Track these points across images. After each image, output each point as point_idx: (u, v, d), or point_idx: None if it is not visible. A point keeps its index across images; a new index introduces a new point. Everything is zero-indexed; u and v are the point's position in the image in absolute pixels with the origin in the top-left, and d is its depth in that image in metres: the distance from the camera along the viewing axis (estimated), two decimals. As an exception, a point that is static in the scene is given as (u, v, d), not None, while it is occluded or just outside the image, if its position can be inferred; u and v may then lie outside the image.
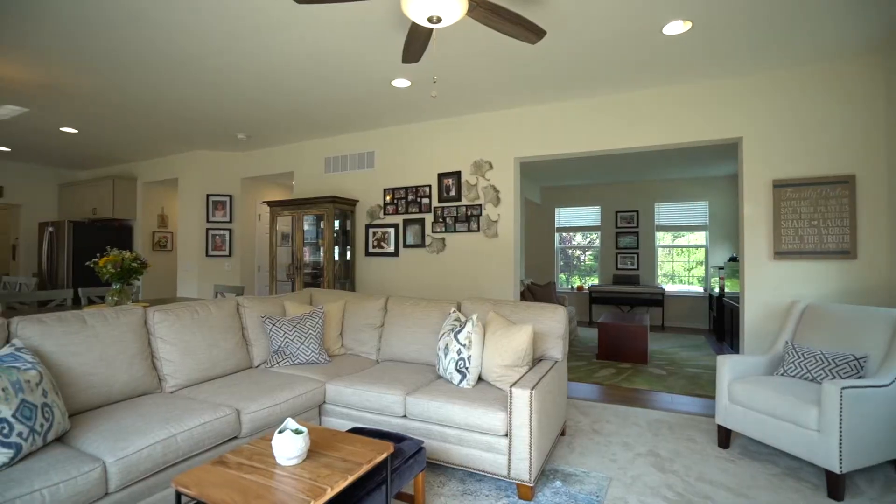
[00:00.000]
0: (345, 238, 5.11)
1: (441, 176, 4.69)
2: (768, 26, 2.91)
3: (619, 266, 8.55)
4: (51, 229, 6.64)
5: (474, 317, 2.83)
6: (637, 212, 8.39)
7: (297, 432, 1.59)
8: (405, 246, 4.88)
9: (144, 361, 2.56)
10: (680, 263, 8.30)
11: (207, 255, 6.17)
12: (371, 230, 5.09)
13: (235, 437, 2.36)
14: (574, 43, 3.13)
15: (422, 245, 4.79)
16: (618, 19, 2.84)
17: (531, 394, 2.30)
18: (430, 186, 4.76)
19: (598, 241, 8.89)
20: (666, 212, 8.26)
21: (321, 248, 5.27)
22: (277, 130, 5.20)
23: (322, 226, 5.21)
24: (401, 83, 3.78)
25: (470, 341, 2.79)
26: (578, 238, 9.21)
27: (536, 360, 2.98)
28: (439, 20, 1.98)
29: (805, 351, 2.92)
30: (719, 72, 3.57)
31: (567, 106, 4.19)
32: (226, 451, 2.30)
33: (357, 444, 1.78)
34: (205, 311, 2.98)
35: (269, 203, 5.20)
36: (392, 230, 4.95)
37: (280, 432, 1.60)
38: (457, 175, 4.61)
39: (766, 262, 3.59)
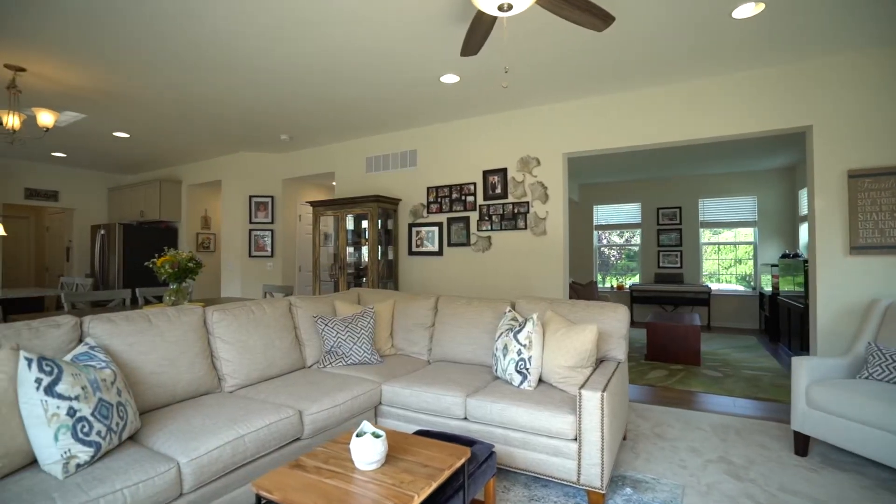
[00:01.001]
0: (387, 237, 5.08)
1: (486, 173, 4.60)
2: (845, 5, 2.71)
3: (662, 264, 8.27)
4: (102, 231, 6.87)
5: (534, 316, 2.73)
6: (680, 208, 8.10)
7: (376, 436, 1.53)
8: (449, 245, 4.81)
9: (205, 361, 2.57)
10: (727, 261, 7.96)
11: (250, 255, 6.25)
12: (414, 229, 5.05)
13: (298, 439, 2.33)
14: (635, 30, 3.00)
15: (466, 244, 4.71)
16: (685, 3, 2.69)
17: (602, 396, 2.19)
18: (474, 184, 4.67)
19: (638, 238, 8.63)
20: (711, 208, 7.93)
21: (364, 248, 5.26)
22: (319, 131, 5.21)
23: (366, 225, 5.20)
24: (449, 79, 3.71)
25: (530, 341, 2.69)
26: (615, 237, 8.97)
27: (598, 361, 2.85)
28: (510, 7, 1.89)
29: (892, 353, 2.70)
30: (789, 56, 3.36)
31: (619, 98, 4.04)
32: (289, 452, 2.28)
33: (433, 449, 1.72)
34: (260, 311, 2.98)
35: (313, 203, 5.22)
36: (436, 229, 4.89)
37: (358, 436, 1.54)
38: (502, 172, 4.51)
39: (841, 258, 3.35)
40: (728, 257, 7.94)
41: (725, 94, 3.68)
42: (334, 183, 6.71)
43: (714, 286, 7.93)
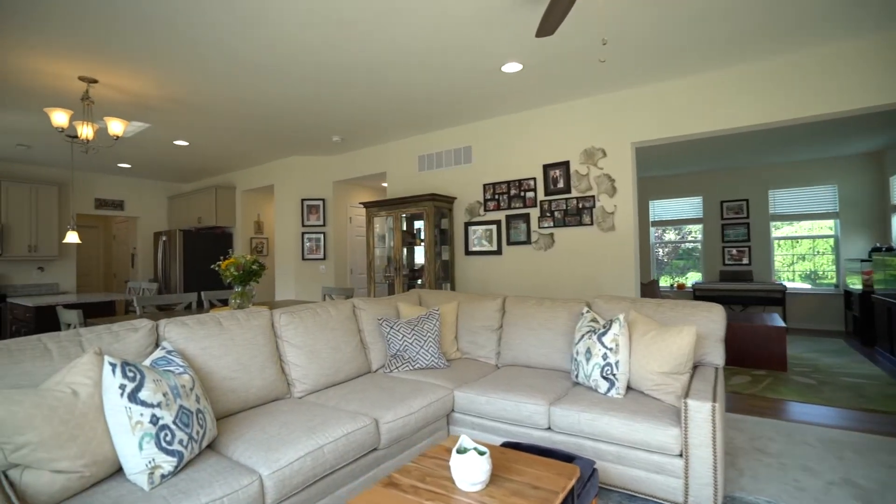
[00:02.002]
0: (442, 237, 4.94)
1: (547, 167, 4.38)
2: None
3: (727, 261, 7.72)
4: (164, 238, 7.11)
5: (621, 317, 2.49)
6: (747, 200, 7.54)
7: (480, 453, 1.36)
8: (509, 243, 4.61)
9: (275, 365, 2.49)
10: (789, 257, 7.33)
11: (303, 258, 6.28)
12: (471, 228, 4.88)
13: (375, 449, 2.20)
14: (712, 4, 2.70)
15: (527, 242, 4.49)
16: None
17: (714, 408, 1.93)
18: (534, 179, 4.46)
19: (699, 234, 8.11)
20: (783, 199, 7.33)
21: (417, 248, 5.14)
22: (371, 131, 5.14)
23: (419, 225, 5.08)
24: (512, 68, 3.52)
25: (617, 345, 2.46)
26: (670, 233, 8.48)
27: (692, 367, 2.58)
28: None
29: None
30: (888, 24, 2.96)
31: (691, 81, 3.72)
32: (366, 463, 2.15)
33: (537, 467, 1.53)
34: (325, 314, 2.89)
35: (366, 204, 5.15)
36: (494, 227, 4.70)
37: (459, 452, 1.38)
38: (565, 165, 4.27)
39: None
40: (791, 253, 7.31)
41: (811, 70, 3.30)
42: (384, 184, 6.66)
43: (788, 284, 7.32)
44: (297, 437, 1.90)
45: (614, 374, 2.44)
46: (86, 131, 3.65)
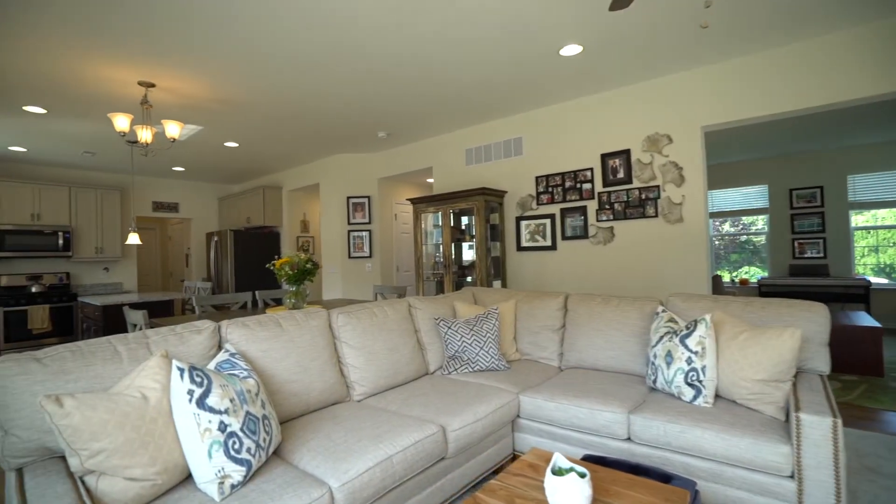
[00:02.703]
0: (492, 232, 4.77)
1: (605, 157, 4.12)
2: None
3: (798, 254, 7.14)
4: (216, 238, 7.30)
5: (707, 317, 2.25)
6: (821, 188, 6.93)
7: (581, 475, 1.19)
8: (564, 238, 4.38)
9: (334, 368, 2.41)
10: (874, 248, 6.67)
11: (349, 256, 6.27)
12: (523, 222, 4.69)
13: (442, 459, 2.07)
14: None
15: (584, 236, 4.26)
16: None
17: (835, 424, 1.68)
18: (591, 170, 4.21)
19: (764, 225, 7.55)
20: (865, 185, 6.69)
21: (467, 245, 5.00)
22: (417, 125, 5.03)
23: (467, 221, 4.94)
24: (570, 50, 3.30)
25: (704, 348, 2.22)
26: (727, 225, 7.94)
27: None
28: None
29: None
30: None
31: (768, 56, 3.37)
32: (433, 474, 2.02)
33: (640, 490, 1.35)
34: (382, 314, 2.79)
35: (413, 200, 5.05)
36: (547, 221, 4.49)
37: (556, 473, 1.22)
38: (625, 154, 4.00)
39: None
40: (864, 245, 6.65)
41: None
42: (429, 180, 6.56)
43: (873, 279, 6.68)
44: (364, 445, 1.80)
45: (700, 381, 2.21)
46: (145, 135, 3.72)
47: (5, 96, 3.84)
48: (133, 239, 5.38)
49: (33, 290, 6.30)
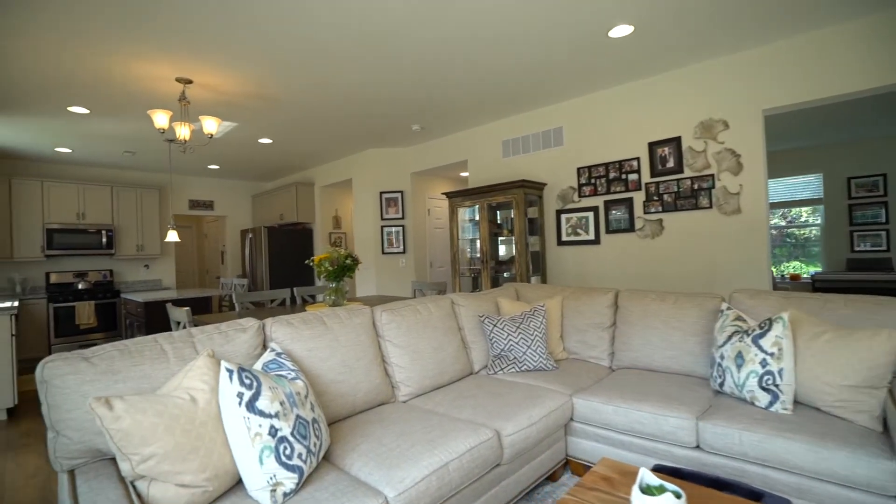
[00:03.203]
0: (530, 226, 4.61)
1: (653, 145, 3.90)
2: None
3: (856, 247, 6.69)
4: (250, 235, 7.38)
5: (785, 316, 2.06)
6: (884, 175, 6.46)
7: (677, 496, 1.05)
8: (608, 231, 4.19)
9: (379, 367, 2.32)
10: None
11: (383, 252, 6.21)
12: (563, 216, 4.51)
13: (497, 465, 1.95)
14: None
15: (630, 229, 4.05)
16: None
17: (951, 438, 1.47)
18: (637, 159, 4.00)
19: (818, 217, 7.10)
20: (931, 172, 6.19)
21: (504, 239, 4.85)
22: (452, 117, 4.91)
23: (503, 215, 4.79)
24: (621, 31, 3.11)
25: (781, 349, 2.03)
26: (774, 218, 7.51)
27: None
28: None
29: None
30: None
31: (836, 31, 3.09)
32: (487, 482, 1.91)
33: (737, 513, 1.19)
34: (426, 311, 2.69)
35: (449, 194, 4.94)
36: (590, 214, 4.30)
37: (645, 492, 1.08)
38: (675, 142, 3.77)
39: None
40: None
41: None
42: (463, 174, 6.43)
43: (940, 273, 6.19)
44: (418, 451, 1.69)
45: (777, 386, 2.02)
46: (183, 132, 3.72)
47: (52, 97, 3.91)
48: (172, 236, 5.46)
49: (79, 286, 6.50)
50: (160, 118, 3.45)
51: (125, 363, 1.57)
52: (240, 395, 1.44)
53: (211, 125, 3.65)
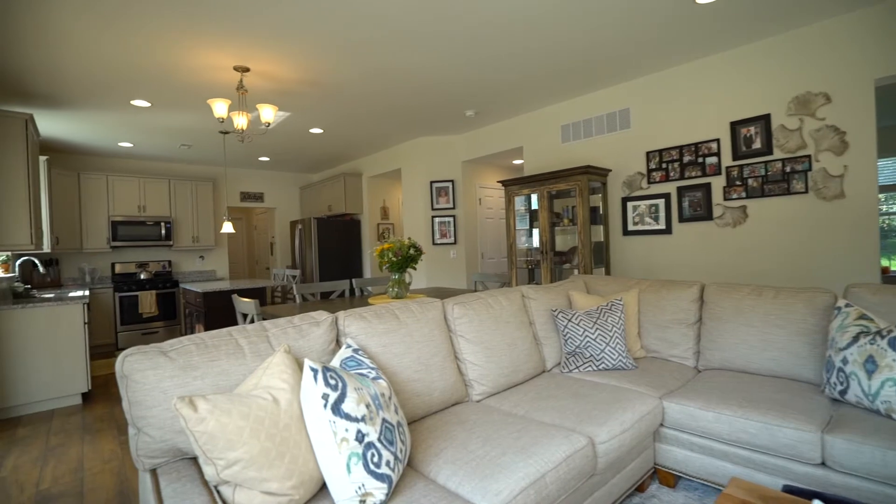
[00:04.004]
0: (592, 215, 4.35)
1: (736, 125, 3.55)
2: None
3: (956, 236, 5.99)
4: (300, 226, 7.43)
5: (933, 316, 1.75)
6: None
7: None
8: (682, 220, 3.87)
9: (452, 364, 2.18)
10: None
11: (434, 243, 6.08)
12: (630, 204, 4.21)
13: (591, 476, 1.77)
14: None
15: (707, 217, 3.72)
16: None
17: None
18: (717, 141, 3.65)
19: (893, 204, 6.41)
20: None
21: (561, 228, 4.61)
22: (507, 101, 4.68)
23: (571, 202, 4.55)
24: (709, -6, 2.80)
25: (927, 355, 1.73)
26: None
27: None
28: None
29: None
30: None
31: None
32: (581, 495, 1.73)
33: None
34: (497, 305, 2.52)
35: (505, 182, 4.73)
36: (661, 201, 3.99)
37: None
38: (763, 120, 3.41)
39: None
40: None
41: None
42: (516, 161, 6.19)
43: None
44: (510, 460, 1.53)
45: (922, 396, 1.73)
46: (240, 121, 3.69)
47: (116, 91, 3.98)
48: (227, 227, 5.53)
49: (141, 276, 6.74)
50: (219, 107, 3.43)
51: (202, 358, 1.49)
52: (325, 397, 1.32)
53: (268, 113, 3.60)
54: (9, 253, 4.86)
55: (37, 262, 4.90)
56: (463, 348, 2.27)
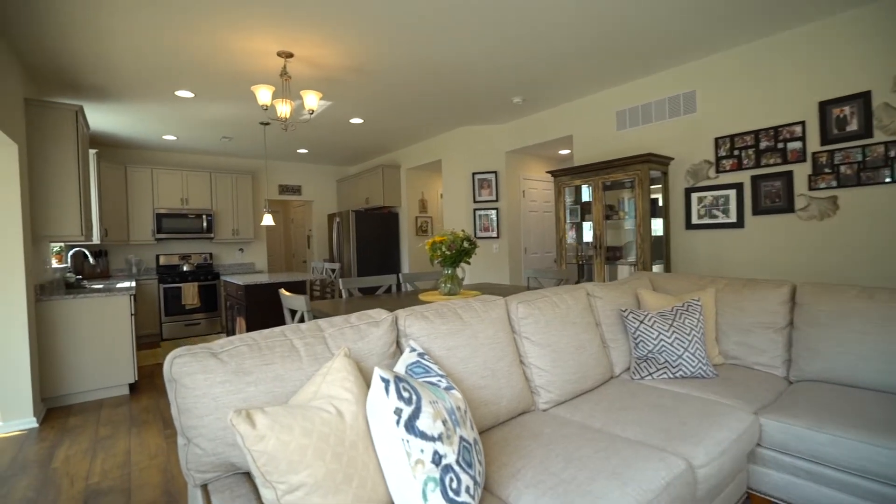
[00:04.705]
0: (651, 207, 4.03)
1: (826, 105, 3.17)
2: None
3: None
4: (338, 219, 7.36)
5: None
6: None
7: None
8: (756, 212, 3.52)
9: (518, 369, 1.97)
10: None
11: (476, 236, 5.87)
12: (694, 195, 3.88)
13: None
14: None
15: (787, 209, 3.36)
16: None
17: None
18: (802, 124, 3.28)
19: None
20: None
21: (612, 222, 4.31)
22: (558, 86, 4.40)
23: (625, 194, 4.25)
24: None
25: None
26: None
27: None
28: None
29: None
30: None
31: None
32: (679, 524, 1.50)
33: None
34: (563, 304, 2.29)
35: (555, 172, 4.46)
36: (731, 192, 3.64)
37: None
38: (861, 99, 3.02)
39: None
40: None
41: None
42: (561, 152, 5.90)
43: None
44: (603, 487, 1.32)
45: None
46: (283, 109, 3.57)
47: (162, 81, 3.94)
48: (268, 220, 5.49)
49: (184, 268, 6.83)
50: (263, 94, 3.31)
51: (255, 361, 1.33)
52: (398, 412, 1.14)
53: (312, 100, 3.47)
54: (62, 244, 4.96)
55: (87, 253, 4.97)
56: (528, 351, 2.06)
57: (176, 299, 6.38)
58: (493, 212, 5.74)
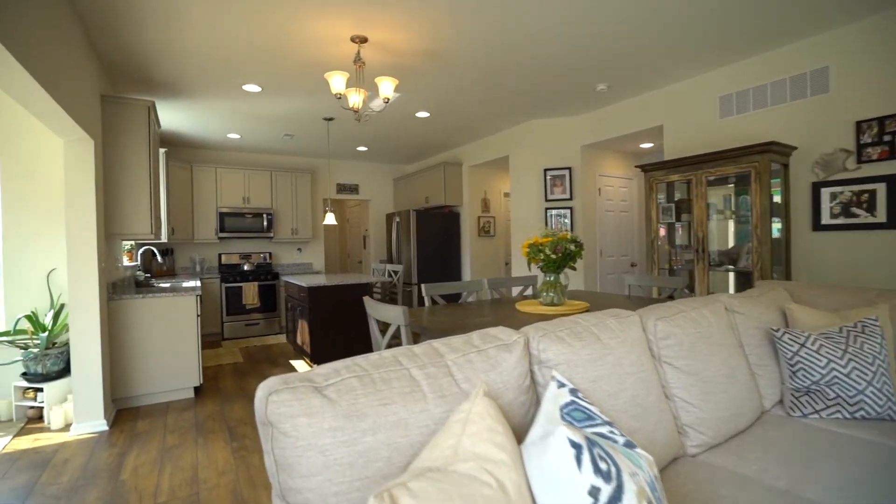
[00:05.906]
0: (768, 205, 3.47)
1: None
2: None
3: None
4: (397, 219, 7.14)
5: None
6: None
7: None
8: (915, 210, 2.91)
9: (666, 405, 1.57)
10: None
11: (545, 238, 5.44)
12: (826, 190, 3.29)
13: None
14: None
15: (961, 206, 2.75)
16: None
17: None
18: (984, 100, 2.66)
19: None
20: None
21: (715, 223, 3.78)
22: (648, 70, 3.92)
23: (730, 191, 3.72)
24: None
25: None
26: None
27: None
28: None
29: None
30: None
31: None
32: None
33: None
34: (704, 321, 1.86)
35: (645, 167, 3.98)
36: (878, 186, 3.04)
37: None
38: None
39: None
40: None
41: None
42: (643, 145, 5.36)
43: None
44: None
45: None
46: (354, 99, 3.32)
47: (231, 74, 3.81)
48: (329, 219, 5.31)
49: (245, 268, 6.81)
50: (337, 80, 3.07)
51: (370, 400, 1.02)
52: (594, 494, 0.78)
53: (387, 87, 3.20)
54: (133, 242, 4.98)
55: (155, 251, 4.96)
56: (672, 380, 1.65)
57: (237, 298, 6.35)
58: (567, 210, 5.29)
